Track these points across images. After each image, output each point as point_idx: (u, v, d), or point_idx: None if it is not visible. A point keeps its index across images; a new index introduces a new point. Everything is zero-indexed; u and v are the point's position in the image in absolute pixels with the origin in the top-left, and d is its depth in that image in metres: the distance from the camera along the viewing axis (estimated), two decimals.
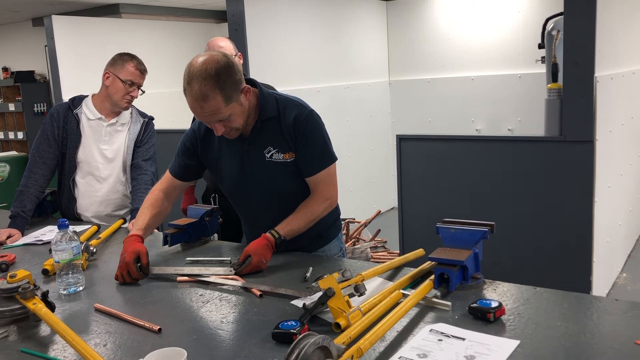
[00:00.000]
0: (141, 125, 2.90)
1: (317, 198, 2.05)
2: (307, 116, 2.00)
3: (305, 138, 1.99)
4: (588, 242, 3.17)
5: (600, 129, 3.20)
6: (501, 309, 1.48)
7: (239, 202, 2.22)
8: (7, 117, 8.75)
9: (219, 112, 1.84)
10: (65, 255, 1.88)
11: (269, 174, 2.04)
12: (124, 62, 2.76)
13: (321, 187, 2.04)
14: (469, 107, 6.26)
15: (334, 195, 2.09)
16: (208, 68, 1.80)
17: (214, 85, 1.80)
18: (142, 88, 2.85)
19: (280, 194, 2.08)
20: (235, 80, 1.85)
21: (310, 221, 2.05)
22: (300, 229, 2.03)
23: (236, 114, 1.90)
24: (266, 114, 1.99)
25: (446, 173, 3.62)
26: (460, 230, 1.75)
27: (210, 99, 1.81)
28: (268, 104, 2.00)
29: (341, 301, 1.46)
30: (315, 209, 2.05)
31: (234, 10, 4.50)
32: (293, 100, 2.05)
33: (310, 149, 2.01)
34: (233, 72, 1.85)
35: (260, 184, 2.07)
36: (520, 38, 5.89)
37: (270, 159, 2.02)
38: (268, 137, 2.02)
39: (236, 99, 1.87)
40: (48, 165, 2.78)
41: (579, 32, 3.06)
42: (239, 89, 1.87)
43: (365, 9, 6.40)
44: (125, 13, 6.87)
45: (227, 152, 2.09)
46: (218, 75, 1.80)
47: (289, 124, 1.98)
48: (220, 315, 1.64)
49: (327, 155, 2.05)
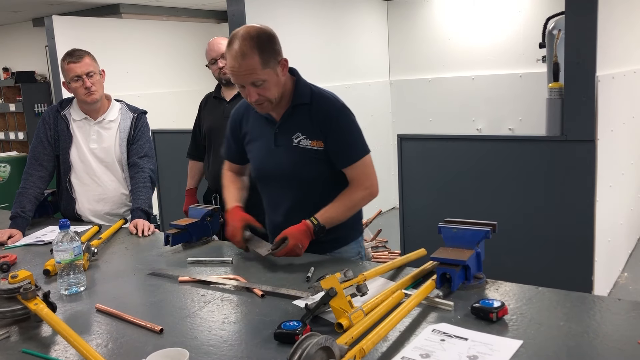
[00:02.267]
0: (131, 121, 2.87)
1: (355, 187, 2.07)
2: (339, 109, 2.04)
3: (337, 130, 2.02)
4: (589, 241, 3.16)
5: (602, 128, 3.19)
6: (504, 308, 1.48)
7: (262, 184, 2.25)
8: (7, 118, 8.75)
9: (254, 73, 1.88)
10: (67, 255, 1.88)
11: (294, 159, 2.06)
12: (61, 66, 2.73)
13: (359, 177, 2.07)
14: (469, 107, 6.26)
15: (374, 185, 2.10)
16: (250, 30, 1.88)
17: (254, 45, 1.86)
18: (96, 70, 2.74)
19: (301, 179, 2.09)
20: (275, 49, 1.92)
21: (348, 209, 2.07)
22: (339, 217, 2.05)
23: (271, 82, 1.93)
24: (299, 99, 2.04)
25: (447, 172, 3.61)
26: (462, 230, 1.74)
27: (248, 57, 1.86)
28: (303, 90, 2.05)
29: (343, 301, 1.46)
30: (354, 197, 2.07)
31: (235, 10, 4.50)
32: (327, 93, 2.09)
33: (343, 140, 2.04)
34: (273, 41, 1.92)
35: (283, 167, 2.09)
36: (520, 37, 5.89)
37: (297, 144, 2.05)
38: (298, 123, 2.05)
39: (273, 66, 1.91)
40: (45, 167, 2.79)
41: (580, 31, 3.05)
42: (277, 58, 1.93)
43: (366, 8, 6.40)
44: (125, 13, 6.86)
45: (259, 134, 2.14)
46: (259, 37, 1.87)
47: (321, 113, 2.02)
48: (222, 315, 1.64)
49: (360, 147, 2.07)
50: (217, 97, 3.18)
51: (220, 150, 3.10)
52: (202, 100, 3.30)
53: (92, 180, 2.82)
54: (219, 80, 3.16)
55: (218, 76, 3.12)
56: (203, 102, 3.29)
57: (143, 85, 6.47)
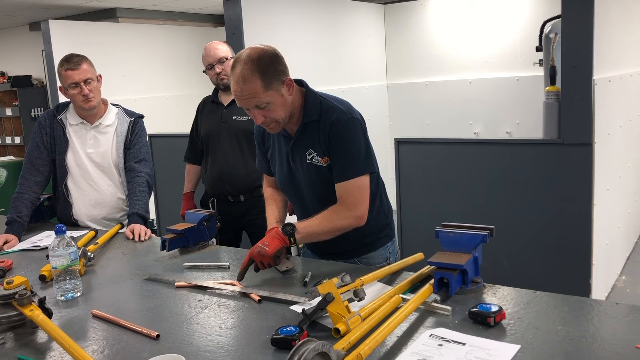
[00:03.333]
0: (128, 126, 2.86)
1: (339, 209, 1.95)
2: (344, 122, 1.94)
3: (338, 143, 1.94)
4: (587, 245, 3.16)
5: (599, 132, 3.20)
6: (501, 313, 1.47)
7: (290, 197, 2.23)
8: (4, 122, 8.73)
9: (256, 97, 1.86)
10: (63, 261, 1.87)
11: (309, 175, 2.03)
12: (59, 72, 2.72)
13: (346, 197, 1.95)
14: (467, 110, 6.26)
15: (362, 209, 1.95)
16: (252, 53, 1.86)
17: (255, 68, 1.83)
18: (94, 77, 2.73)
19: (320, 194, 2.04)
20: (277, 70, 1.88)
21: (328, 231, 1.97)
22: (316, 234, 1.96)
23: (275, 104, 1.89)
24: (308, 116, 1.99)
25: (445, 176, 3.61)
26: (460, 234, 1.74)
27: (249, 81, 1.83)
28: (312, 106, 1.99)
29: (340, 306, 1.46)
30: (337, 221, 1.95)
31: (232, 14, 4.50)
32: (337, 105, 2.00)
33: (341, 155, 1.95)
34: (276, 62, 1.89)
35: (302, 184, 2.07)
36: (517, 41, 5.89)
37: (310, 161, 2.02)
38: (309, 140, 2.01)
39: (276, 87, 1.87)
40: (41, 172, 2.79)
41: (576, 34, 3.05)
42: (281, 79, 1.89)
43: (363, 12, 6.40)
44: (122, 17, 6.86)
45: (278, 149, 2.12)
46: (260, 59, 1.85)
47: (326, 128, 1.96)
48: (218, 320, 1.63)
49: (358, 164, 1.95)
50: (214, 101, 3.18)
51: (217, 153, 3.12)
52: (200, 104, 3.29)
53: (88, 185, 2.81)
54: (216, 85, 3.15)
55: (215, 81, 3.11)
56: (200, 105, 3.29)
57: (140, 90, 6.47)
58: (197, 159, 3.29)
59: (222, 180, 3.10)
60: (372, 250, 2.15)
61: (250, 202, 3.11)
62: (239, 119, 3.06)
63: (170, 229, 2.33)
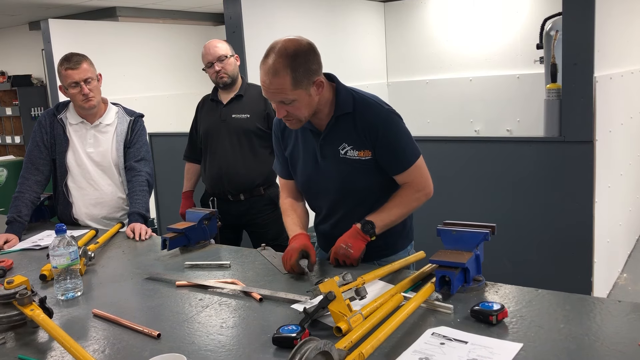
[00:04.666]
0: (128, 125, 2.85)
1: (409, 193, 2.00)
2: (385, 116, 1.94)
3: (385, 138, 1.93)
4: (589, 242, 3.16)
5: (600, 129, 3.19)
6: (503, 311, 1.47)
7: (311, 197, 2.17)
8: (4, 122, 8.72)
9: (283, 92, 1.81)
10: (63, 260, 1.87)
11: (342, 171, 1.99)
12: (59, 71, 2.70)
13: (412, 181, 1.99)
14: (467, 108, 6.26)
15: (429, 186, 2.02)
16: (288, 46, 1.79)
17: (288, 63, 1.77)
18: (94, 76, 2.71)
19: (352, 190, 2.02)
20: (310, 69, 1.82)
21: (402, 210, 2.00)
22: (392, 219, 1.98)
23: (301, 102, 1.84)
24: (341, 109, 1.95)
25: (445, 174, 3.60)
26: (461, 233, 1.73)
27: (280, 76, 1.78)
28: (344, 99, 1.95)
29: (342, 305, 1.45)
30: (408, 198, 1.99)
31: (232, 13, 4.49)
32: (370, 98, 1.99)
33: (392, 148, 1.95)
34: (311, 60, 1.82)
35: (333, 180, 2.02)
36: (518, 39, 5.88)
37: (344, 155, 1.97)
38: (343, 133, 1.97)
39: (306, 86, 1.82)
40: (41, 172, 2.78)
41: (577, 32, 3.05)
42: (312, 79, 1.83)
43: (363, 10, 6.39)
44: (122, 16, 6.85)
45: (302, 146, 2.06)
46: (295, 55, 1.78)
47: (366, 122, 1.93)
48: (219, 320, 1.63)
49: (411, 151, 1.98)
50: (214, 99, 3.17)
51: (216, 152, 3.11)
52: (199, 102, 3.29)
53: (88, 184, 2.81)
54: (215, 84, 3.15)
55: (215, 79, 3.10)
56: (200, 104, 3.28)
57: (140, 89, 6.46)
58: (197, 158, 3.29)
59: (221, 179, 3.10)
60: (393, 254, 2.10)
61: (250, 201, 3.10)
62: (238, 117, 3.06)
63: (171, 228, 2.33)
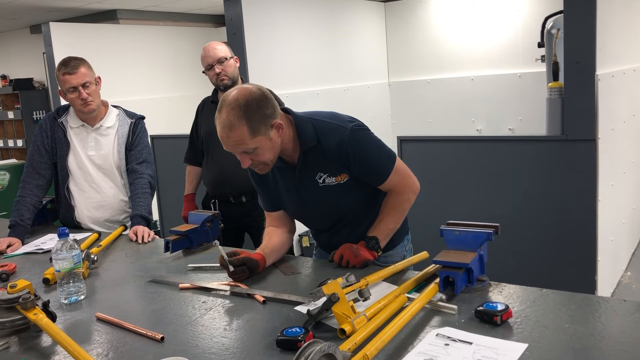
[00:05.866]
0: (129, 127, 2.84)
1: (398, 196, 2.04)
2: (349, 136, 1.93)
3: (356, 158, 1.94)
4: (592, 241, 3.15)
5: (602, 127, 3.18)
6: (508, 311, 1.46)
7: (304, 222, 2.22)
8: (6, 125, 8.73)
9: (243, 143, 1.79)
10: (66, 264, 1.86)
11: (326, 198, 2.00)
12: (57, 75, 2.68)
13: (396, 185, 2.03)
14: (469, 107, 6.24)
15: (414, 184, 2.07)
16: (239, 98, 1.77)
17: (241, 115, 1.76)
18: (92, 80, 2.70)
19: (341, 209, 2.05)
20: (265, 114, 1.80)
21: (400, 220, 2.06)
22: (394, 227, 2.04)
23: (264, 148, 1.83)
24: (306, 144, 1.94)
25: (448, 174, 3.60)
26: (465, 233, 1.73)
27: (236, 128, 1.76)
28: (305, 133, 1.93)
29: (346, 307, 1.45)
30: (399, 202, 2.04)
31: (232, 14, 4.49)
32: (330, 122, 1.97)
33: (366, 164, 1.96)
34: (264, 106, 1.80)
35: (319, 207, 2.05)
36: (519, 37, 5.87)
37: (323, 183, 1.98)
38: (315, 165, 1.97)
39: (264, 132, 1.80)
40: (42, 175, 2.78)
41: (579, 30, 3.04)
42: (269, 123, 1.81)
43: (363, 10, 6.38)
44: (123, 19, 6.85)
45: (282, 182, 2.05)
46: (247, 105, 1.76)
47: (333, 150, 1.93)
48: (223, 322, 1.62)
49: (385, 160, 2.00)
50: (214, 101, 3.16)
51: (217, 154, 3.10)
52: (199, 104, 3.28)
53: (90, 187, 2.81)
54: (215, 86, 3.14)
55: (215, 82, 3.10)
56: (200, 106, 3.28)
57: (141, 91, 6.46)
58: (198, 160, 3.29)
59: (223, 182, 3.09)
60: (390, 249, 2.13)
61: (252, 203, 3.10)
62: None
63: (174, 231, 2.33)
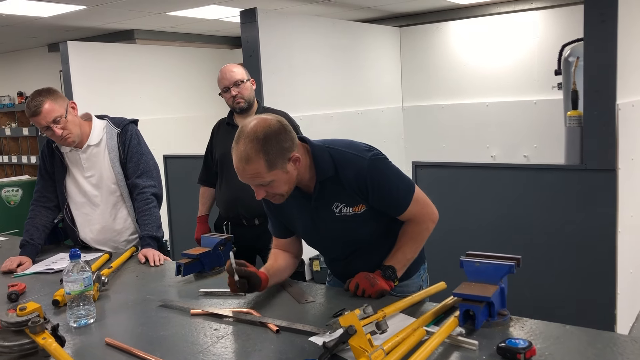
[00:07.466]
0: (117, 139, 2.74)
1: (417, 226, 2.01)
2: (368, 167, 1.90)
3: (375, 189, 1.91)
4: (612, 273, 3.07)
5: (622, 157, 3.12)
6: (532, 349, 1.41)
7: (320, 251, 2.21)
8: (20, 142, 8.80)
9: (259, 177, 1.77)
10: (77, 286, 1.83)
11: (342, 228, 1.97)
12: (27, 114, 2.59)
13: (416, 214, 2.00)
14: (483, 133, 6.21)
15: (433, 213, 2.05)
16: (257, 130, 1.74)
17: (259, 148, 1.73)
18: (62, 112, 2.54)
19: (356, 240, 2.02)
20: (283, 148, 1.77)
21: (418, 249, 2.04)
22: (410, 260, 2.01)
23: (280, 181, 1.81)
24: (323, 174, 1.90)
25: (464, 200, 3.54)
26: (485, 265, 1.68)
27: (253, 162, 1.74)
28: (323, 163, 1.90)
29: (363, 340, 1.40)
30: (418, 231, 2.02)
31: (249, 37, 4.50)
32: (348, 152, 1.94)
33: (385, 195, 1.93)
34: (282, 139, 1.77)
35: (334, 237, 2.02)
36: (535, 64, 5.85)
37: (340, 213, 1.95)
38: (332, 194, 1.94)
39: (281, 166, 1.78)
40: (49, 199, 2.78)
41: (599, 59, 3.00)
42: (287, 156, 1.79)
43: (379, 35, 6.40)
44: (139, 39, 6.91)
45: (297, 209, 2.02)
46: (266, 139, 1.73)
47: (352, 181, 1.90)
48: (235, 352, 1.58)
49: (405, 190, 1.98)
50: (229, 123, 3.15)
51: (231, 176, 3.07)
52: (215, 126, 3.27)
53: (91, 209, 2.76)
54: (232, 108, 3.13)
55: (231, 104, 3.09)
56: (215, 127, 3.26)
57: (155, 110, 6.47)
58: (212, 182, 3.26)
59: (236, 204, 3.06)
60: (407, 278, 2.08)
61: (264, 226, 3.04)
62: None
63: (186, 254, 2.29)
